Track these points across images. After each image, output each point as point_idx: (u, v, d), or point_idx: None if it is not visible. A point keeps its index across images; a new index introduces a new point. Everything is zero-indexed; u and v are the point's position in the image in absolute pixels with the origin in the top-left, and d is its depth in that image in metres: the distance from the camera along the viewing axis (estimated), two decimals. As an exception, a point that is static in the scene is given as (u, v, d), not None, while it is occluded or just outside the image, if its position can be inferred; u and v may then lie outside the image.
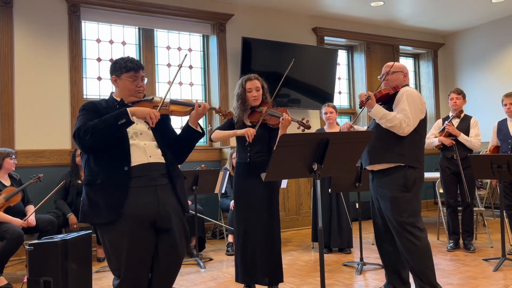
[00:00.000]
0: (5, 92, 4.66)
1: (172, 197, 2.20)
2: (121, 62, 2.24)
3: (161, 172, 2.18)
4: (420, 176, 2.81)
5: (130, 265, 2.06)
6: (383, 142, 2.82)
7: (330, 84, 6.53)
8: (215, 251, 4.79)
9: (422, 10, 6.55)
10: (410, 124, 2.74)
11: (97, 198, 2.07)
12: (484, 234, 4.95)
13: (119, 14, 5.35)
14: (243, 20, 6.05)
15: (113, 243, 2.08)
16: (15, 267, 4.20)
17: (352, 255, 4.39)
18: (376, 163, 2.85)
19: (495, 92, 6.70)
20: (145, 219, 2.08)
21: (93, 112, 2.16)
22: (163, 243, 2.14)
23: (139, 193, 2.08)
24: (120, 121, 2.04)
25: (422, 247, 2.73)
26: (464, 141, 4.33)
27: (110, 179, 2.07)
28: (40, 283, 2.67)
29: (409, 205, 2.76)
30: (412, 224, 2.75)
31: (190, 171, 4.20)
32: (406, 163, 2.76)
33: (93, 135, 2.03)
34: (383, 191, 2.84)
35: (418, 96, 2.84)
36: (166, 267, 2.15)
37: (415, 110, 2.77)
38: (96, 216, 2.08)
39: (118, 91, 2.29)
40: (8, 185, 3.91)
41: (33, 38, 4.85)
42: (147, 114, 2.07)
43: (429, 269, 2.72)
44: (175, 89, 5.83)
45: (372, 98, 2.81)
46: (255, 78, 3.12)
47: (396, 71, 2.97)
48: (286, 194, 5.73)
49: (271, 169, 2.14)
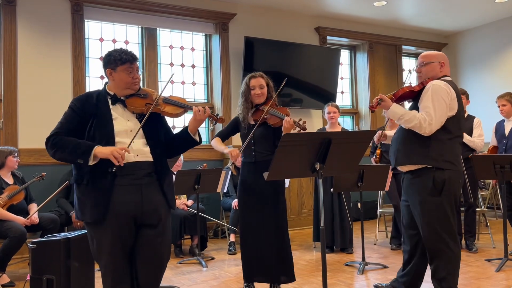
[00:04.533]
0: (8, 91, 4.67)
1: (158, 194, 2.19)
2: (116, 54, 2.18)
3: (147, 171, 2.17)
4: (451, 177, 2.60)
5: (111, 260, 2.10)
6: (407, 143, 2.68)
7: (333, 84, 6.52)
8: (217, 250, 4.79)
9: (425, 10, 6.53)
10: (432, 123, 2.54)
11: (84, 197, 2.12)
12: (486, 234, 4.94)
13: (122, 13, 5.35)
14: (245, 20, 6.05)
15: (96, 238, 2.13)
16: (18, 265, 4.21)
17: (354, 255, 4.39)
18: (401, 164, 2.73)
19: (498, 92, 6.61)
20: (128, 216, 2.11)
21: (77, 113, 2.15)
22: (149, 239, 2.15)
23: (123, 191, 2.09)
24: (79, 159, 2.06)
25: (452, 255, 2.58)
26: (467, 142, 4.32)
27: (95, 179, 2.08)
28: (43, 281, 2.69)
29: (440, 209, 2.59)
30: (443, 229, 2.59)
31: (192, 170, 4.20)
32: (432, 165, 2.59)
33: (58, 152, 2.10)
34: (412, 194, 2.70)
35: (446, 91, 2.58)
36: (152, 262, 2.17)
37: (440, 107, 2.55)
38: (83, 215, 2.13)
39: (113, 85, 2.22)
40: (11, 183, 3.93)
41: (36, 37, 4.86)
42: (109, 154, 2.01)
43: (453, 276, 2.59)
44: (177, 88, 5.83)
45: (385, 100, 2.66)
46: (259, 76, 3.11)
47: (431, 62, 2.71)
48: (288, 193, 5.73)
49: (274, 169, 2.14)
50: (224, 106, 5.85)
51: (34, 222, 3.78)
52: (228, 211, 5.06)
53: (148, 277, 2.16)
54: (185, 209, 4.52)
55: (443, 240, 2.60)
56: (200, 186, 4.15)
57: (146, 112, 2.19)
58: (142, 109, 2.22)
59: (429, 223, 2.62)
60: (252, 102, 3.12)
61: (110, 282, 2.12)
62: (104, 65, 2.23)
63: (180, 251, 4.56)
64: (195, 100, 5.94)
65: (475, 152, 4.37)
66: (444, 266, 2.60)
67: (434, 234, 2.61)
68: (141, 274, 2.15)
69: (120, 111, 2.21)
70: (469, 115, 4.53)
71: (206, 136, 6.01)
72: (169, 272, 3.89)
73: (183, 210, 4.51)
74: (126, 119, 2.19)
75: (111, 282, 2.12)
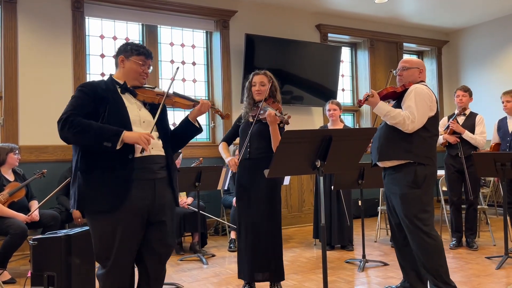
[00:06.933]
0: (9, 88, 4.67)
1: (168, 191, 2.20)
2: (134, 46, 2.20)
3: (160, 165, 2.16)
4: (431, 172, 2.80)
5: (120, 256, 2.05)
6: (391, 139, 2.82)
7: (334, 81, 6.51)
8: (218, 247, 4.80)
9: (426, 7, 6.51)
10: (415, 121, 2.72)
11: (99, 185, 2.01)
12: (487, 232, 4.94)
13: (122, 10, 5.34)
14: (246, 17, 6.03)
15: (106, 232, 2.05)
16: (19, 262, 4.22)
17: (354, 252, 4.39)
18: (384, 159, 2.86)
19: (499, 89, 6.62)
20: (141, 211, 2.08)
21: (90, 96, 2.07)
22: (156, 234, 2.15)
23: (138, 185, 2.06)
24: (106, 143, 1.97)
25: (434, 244, 2.72)
26: (468, 139, 4.31)
27: (114, 167, 2.02)
28: (44, 278, 2.69)
29: (419, 201, 2.75)
30: (423, 221, 2.73)
31: (193, 167, 4.20)
32: (414, 160, 2.75)
33: (77, 134, 1.97)
34: (393, 188, 2.85)
35: (428, 94, 2.80)
36: (158, 257, 2.18)
37: (422, 107, 2.74)
38: (97, 203, 2.02)
39: (121, 73, 2.20)
40: (12, 181, 3.93)
41: (37, 34, 4.85)
42: (138, 138, 1.99)
43: (442, 266, 2.71)
44: (178, 85, 5.83)
45: (374, 96, 2.81)
46: (263, 73, 3.14)
47: (412, 67, 2.94)
48: (288, 191, 5.73)
49: (274, 166, 2.14)
50: (224, 103, 5.84)
51: (35, 219, 3.79)
52: (228, 209, 5.06)
53: (157, 270, 2.19)
54: (186, 207, 4.52)
55: (423, 231, 2.73)
56: (201, 184, 4.15)
57: (158, 102, 2.18)
58: (153, 99, 2.19)
59: (408, 215, 2.76)
60: (251, 98, 3.13)
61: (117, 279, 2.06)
62: (118, 51, 2.21)
63: (180, 248, 4.57)
64: (195, 98, 5.93)
65: (478, 149, 4.37)
66: (430, 256, 2.72)
67: (414, 225, 2.75)
68: (151, 268, 2.17)
69: (131, 100, 2.18)
70: (472, 112, 4.51)
71: (207, 133, 6.00)
72: (169, 269, 3.89)
73: (183, 207, 4.51)
74: (138, 109, 2.17)
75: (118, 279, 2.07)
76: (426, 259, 2.73)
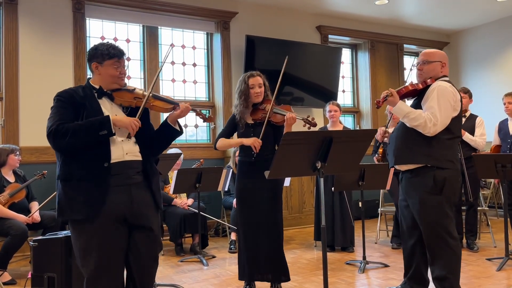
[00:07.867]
0: (9, 89, 4.67)
1: (147, 195, 2.16)
2: (103, 49, 2.12)
3: (136, 170, 2.14)
4: (451, 176, 2.61)
5: (101, 263, 2.02)
6: (408, 141, 2.65)
7: (334, 83, 6.52)
8: (218, 248, 4.79)
9: (427, 8, 6.52)
10: (437, 124, 2.54)
11: (75, 194, 2.02)
12: (487, 233, 4.94)
13: (123, 11, 5.35)
14: (247, 18, 6.04)
15: (85, 240, 2.03)
16: (19, 263, 4.22)
17: (355, 253, 4.39)
18: (400, 163, 2.71)
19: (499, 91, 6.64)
20: (117, 217, 2.05)
21: (68, 104, 2.07)
22: (139, 240, 2.12)
23: (113, 191, 2.04)
24: (101, 132, 1.97)
25: (452, 254, 2.57)
26: (468, 141, 4.31)
27: (89, 175, 2.02)
28: (44, 279, 2.69)
29: (439, 207, 2.59)
30: (444, 227, 2.59)
31: (193, 168, 4.20)
32: (433, 164, 2.58)
33: (70, 139, 1.97)
34: (412, 193, 2.69)
35: (451, 92, 2.60)
36: (143, 263, 2.14)
37: (445, 108, 2.55)
38: (73, 212, 2.02)
39: (98, 78, 2.16)
40: (13, 182, 3.93)
41: (38, 36, 4.86)
42: (128, 125, 2.02)
43: (454, 275, 2.58)
44: (179, 86, 5.83)
45: (394, 95, 2.62)
46: (257, 75, 3.12)
47: (433, 61, 2.70)
48: (289, 192, 5.73)
49: (275, 167, 2.14)
50: (225, 104, 5.85)
51: (36, 220, 3.79)
52: (229, 210, 5.06)
53: (143, 276, 2.14)
54: (186, 208, 4.52)
55: (443, 239, 2.60)
56: (201, 185, 4.14)
57: (135, 105, 2.15)
58: (130, 102, 2.17)
59: (429, 222, 2.63)
60: (251, 101, 3.12)
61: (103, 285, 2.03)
62: (89, 58, 2.18)
63: (181, 249, 4.56)
64: (196, 99, 5.94)
65: (477, 151, 4.36)
66: (445, 265, 2.59)
67: (435, 232, 2.61)
68: (137, 275, 2.13)
69: (108, 105, 2.16)
70: (472, 114, 4.51)
71: (207, 135, 6.01)
72: (170, 271, 3.89)
73: (184, 209, 4.51)
74: (115, 114, 2.13)
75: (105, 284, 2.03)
76: (441, 267, 2.57)
